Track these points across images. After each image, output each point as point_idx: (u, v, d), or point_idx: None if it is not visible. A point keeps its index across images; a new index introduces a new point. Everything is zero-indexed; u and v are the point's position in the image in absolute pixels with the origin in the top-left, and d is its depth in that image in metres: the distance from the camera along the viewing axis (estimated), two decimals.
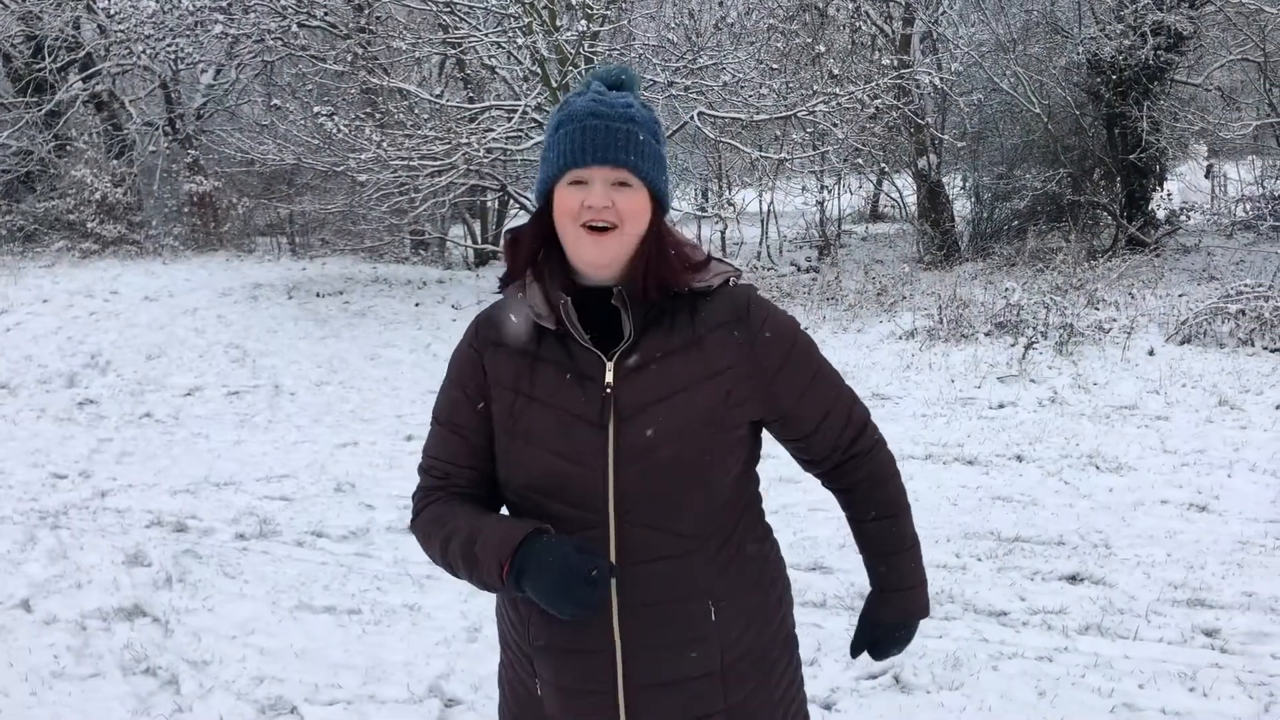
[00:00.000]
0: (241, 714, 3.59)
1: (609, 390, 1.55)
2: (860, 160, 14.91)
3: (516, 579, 1.51)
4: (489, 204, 17.29)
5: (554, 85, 11.00)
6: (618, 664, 1.59)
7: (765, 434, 1.75)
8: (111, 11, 15.60)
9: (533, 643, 1.65)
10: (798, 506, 5.47)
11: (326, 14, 12.69)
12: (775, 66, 12.13)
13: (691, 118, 11.55)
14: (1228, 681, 3.57)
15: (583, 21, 10.62)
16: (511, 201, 15.40)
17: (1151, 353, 8.52)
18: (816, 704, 3.54)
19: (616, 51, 12.02)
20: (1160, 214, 14.88)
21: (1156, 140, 13.49)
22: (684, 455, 1.55)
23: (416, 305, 12.12)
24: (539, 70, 11.13)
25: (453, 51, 13.38)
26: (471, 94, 14.97)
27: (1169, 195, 15.73)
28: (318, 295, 12.42)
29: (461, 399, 1.67)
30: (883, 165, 17.01)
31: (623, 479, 1.54)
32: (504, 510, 1.72)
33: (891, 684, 3.64)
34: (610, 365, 1.56)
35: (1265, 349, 8.46)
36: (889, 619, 1.83)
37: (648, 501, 1.56)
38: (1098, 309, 10.05)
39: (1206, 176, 18.06)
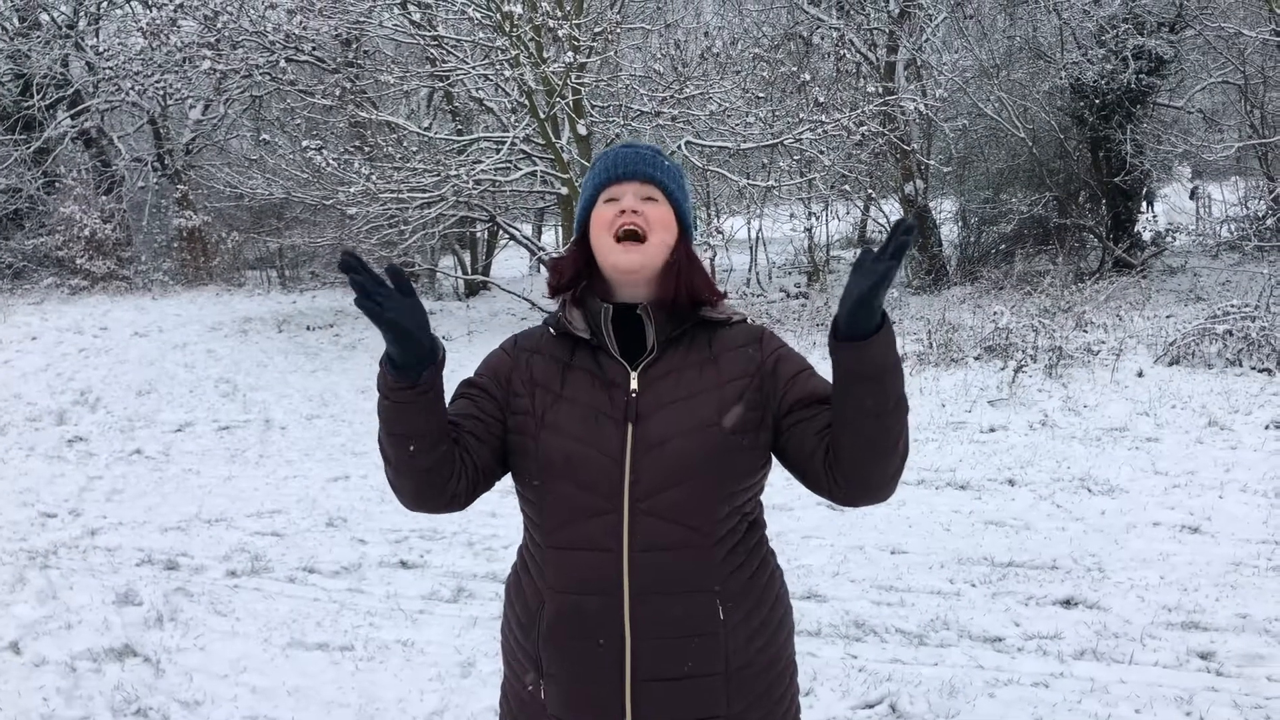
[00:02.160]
0: None
1: (634, 395, 1.69)
2: (847, 187, 14.98)
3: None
4: (478, 235, 17.36)
5: (541, 116, 11.06)
6: (626, 653, 1.65)
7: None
8: (100, 49, 15.69)
9: (542, 637, 1.71)
10: (790, 534, 5.47)
11: (314, 49, 12.76)
12: (761, 95, 12.23)
13: (679, 147, 11.62)
14: (1224, 705, 3.56)
15: (569, 53, 10.69)
16: (501, 232, 15.45)
17: (1140, 374, 8.55)
18: None
19: (603, 83, 12.09)
20: (1146, 236, 15.00)
21: (1140, 163, 13.61)
22: (695, 450, 1.65)
23: None
24: (526, 102, 11.20)
25: (441, 84, 13.46)
26: (460, 126, 15.05)
27: (1154, 217, 15.85)
28: (308, 328, 12.41)
29: (480, 389, 1.77)
30: (870, 191, 17.10)
31: (638, 469, 1.65)
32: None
33: (888, 713, 3.63)
34: (635, 374, 1.71)
35: (1253, 369, 8.51)
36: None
37: (659, 492, 1.65)
38: (1086, 331, 10.10)
39: (1191, 198, 18.20)
